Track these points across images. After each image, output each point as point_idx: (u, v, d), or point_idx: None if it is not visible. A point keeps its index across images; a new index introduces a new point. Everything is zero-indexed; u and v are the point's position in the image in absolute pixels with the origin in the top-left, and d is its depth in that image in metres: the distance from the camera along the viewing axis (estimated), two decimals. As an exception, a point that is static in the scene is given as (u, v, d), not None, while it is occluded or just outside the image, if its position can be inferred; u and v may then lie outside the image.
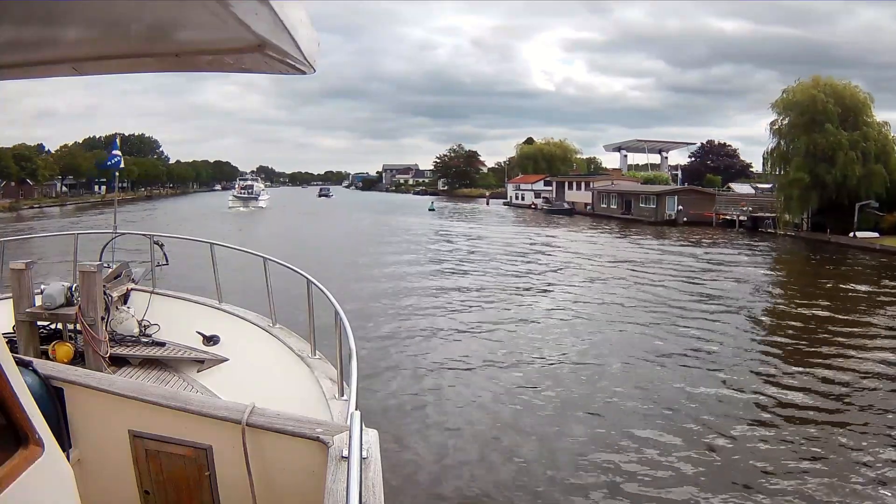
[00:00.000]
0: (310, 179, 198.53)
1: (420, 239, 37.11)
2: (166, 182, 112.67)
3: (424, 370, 11.32)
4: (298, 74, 1.85)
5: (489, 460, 7.81)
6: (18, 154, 68.48)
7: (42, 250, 18.73)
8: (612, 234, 41.96)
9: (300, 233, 40.49)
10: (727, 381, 10.81)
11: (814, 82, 37.28)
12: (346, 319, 3.71)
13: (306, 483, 2.40)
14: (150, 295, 6.18)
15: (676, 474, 7.42)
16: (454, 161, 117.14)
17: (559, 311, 16.73)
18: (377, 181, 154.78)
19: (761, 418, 9.17)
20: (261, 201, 68.80)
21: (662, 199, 50.47)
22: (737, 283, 21.52)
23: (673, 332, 14.29)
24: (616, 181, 65.93)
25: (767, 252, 32.03)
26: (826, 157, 35.55)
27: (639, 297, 18.51)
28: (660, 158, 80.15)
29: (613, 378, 10.96)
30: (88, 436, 2.65)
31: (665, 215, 48.90)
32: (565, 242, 36.06)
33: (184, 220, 50.50)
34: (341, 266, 23.12)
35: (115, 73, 2.04)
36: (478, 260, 27.91)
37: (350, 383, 3.10)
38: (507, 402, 9.79)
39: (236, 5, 1.31)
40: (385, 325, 14.50)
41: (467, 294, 18.94)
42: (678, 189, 54.55)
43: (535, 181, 79.57)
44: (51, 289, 5.01)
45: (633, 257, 28.54)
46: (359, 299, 16.42)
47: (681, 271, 23.96)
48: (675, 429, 8.69)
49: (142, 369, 5.13)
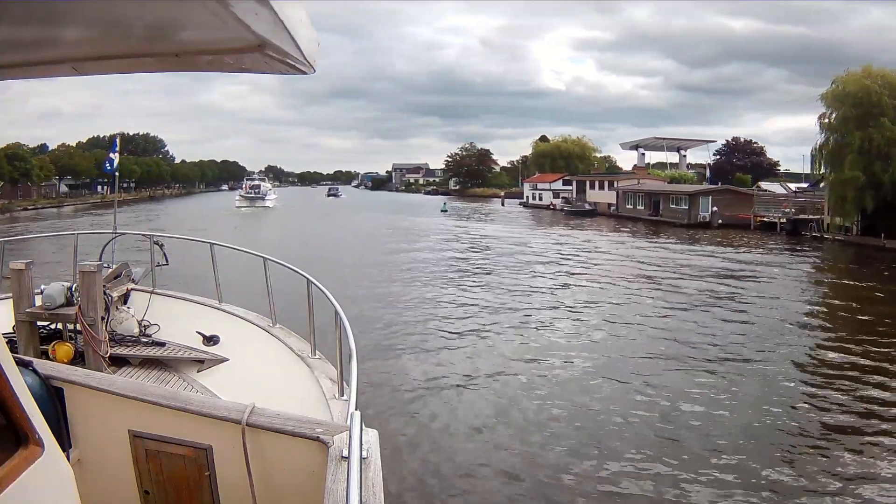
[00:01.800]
0: (319, 179, 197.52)
1: (434, 245, 33.82)
2: (171, 182, 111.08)
3: (430, 372, 11.33)
4: (298, 74, 1.86)
5: (490, 460, 7.81)
6: (12, 154, 66.02)
7: (40, 250, 18.62)
8: (641, 237, 38.82)
9: (305, 234, 38.68)
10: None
11: (864, 72, 34.32)
12: (346, 319, 3.71)
13: (306, 483, 2.40)
14: (150, 295, 6.18)
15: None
16: (465, 160, 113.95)
17: (583, 323, 15.44)
18: (387, 181, 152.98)
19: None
20: (268, 201, 68.75)
21: (696, 199, 46.40)
22: (787, 296, 19.33)
23: (714, 360, 12.08)
24: (642, 180, 61.28)
25: (818, 260, 29.25)
26: (882, 154, 32.68)
27: (674, 310, 16.68)
28: (678, 157, 76.20)
29: (623, 395, 10.18)
30: (88, 436, 2.65)
31: (699, 217, 45.05)
32: (590, 246, 33.12)
33: (181, 221, 49.31)
34: (348, 271, 21.96)
35: (115, 73, 2.04)
36: (495, 264, 26.36)
37: (350, 383, 3.10)
38: (513, 405, 9.73)
39: (236, 5, 1.31)
40: (397, 329, 14.18)
41: (483, 299, 18.33)
42: (713, 189, 49.90)
43: (553, 180, 75.16)
44: (51, 289, 5.01)
45: (666, 264, 25.76)
46: (368, 300, 16.15)
47: (721, 281, 21.50)
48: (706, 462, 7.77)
49: (142, 369, 5.14)
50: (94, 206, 68.90)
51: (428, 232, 41.75)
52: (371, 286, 19.60)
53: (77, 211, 63.79)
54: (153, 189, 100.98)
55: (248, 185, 76.97)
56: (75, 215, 56.74)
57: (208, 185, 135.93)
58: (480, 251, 31.65)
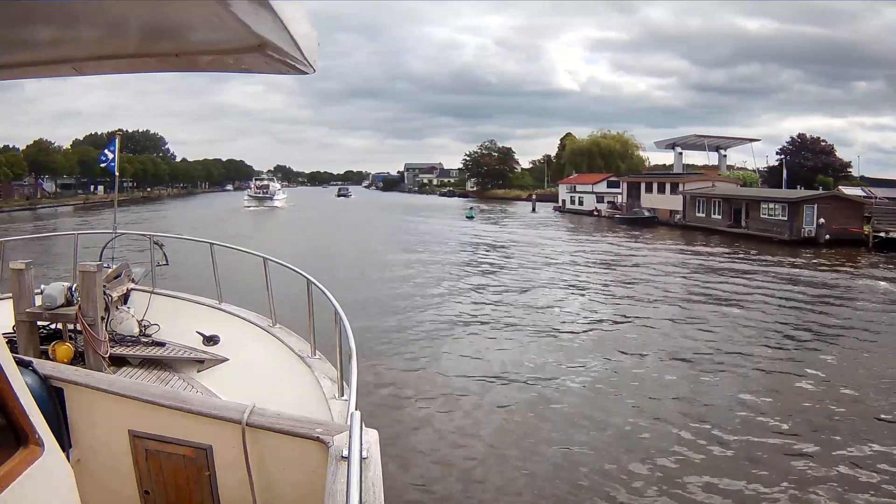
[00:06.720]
0: (329, 179, 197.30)
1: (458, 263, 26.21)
2: (170, 181, 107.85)
3: (431, 372, 11.31)
4: (299, 74, 1.86)
5: (490, 460, 7.81)
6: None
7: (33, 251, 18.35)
8: (735, 257, 28.67)
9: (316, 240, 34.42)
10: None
11: None
12: (346, 319, 3.71)
13: (306, 483, 2.40)
14: (150, 295, 6.19)
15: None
16: (486, 159, 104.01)
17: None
18: (399, 181, 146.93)
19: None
20: (276, 201, 68.91)
21: (798, 208, 35.57)
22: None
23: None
24: (716, 183, 49.86)
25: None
26: None
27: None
28: (717, 157, 65.32)
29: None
30: (88, 436, 2.65)
31: (802, 231, 34.84)
32: (667, 269, 24.88)
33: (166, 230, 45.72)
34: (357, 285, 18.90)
35: (116, 73, 2.04)
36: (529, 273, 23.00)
37: (350, 383, 3.10)
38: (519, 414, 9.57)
39: (236, 5, 1.31)
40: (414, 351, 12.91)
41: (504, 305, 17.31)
42: (819, 195, 39.22)
43: (595, 181, 63.90)
44: (51, 289, 5.01)
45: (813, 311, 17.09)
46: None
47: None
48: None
49: (142, 369, 5.14)
50: (76, 209, 64.84)
51: (445, 235, 37.21)
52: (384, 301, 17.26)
53: (51, 217, 55.36)
54: (150, 189, 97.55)
55: (256, 184, 77.10)
56: (42, 220, 50.07)
57: (212, 185, 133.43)
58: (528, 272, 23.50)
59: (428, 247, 32.43)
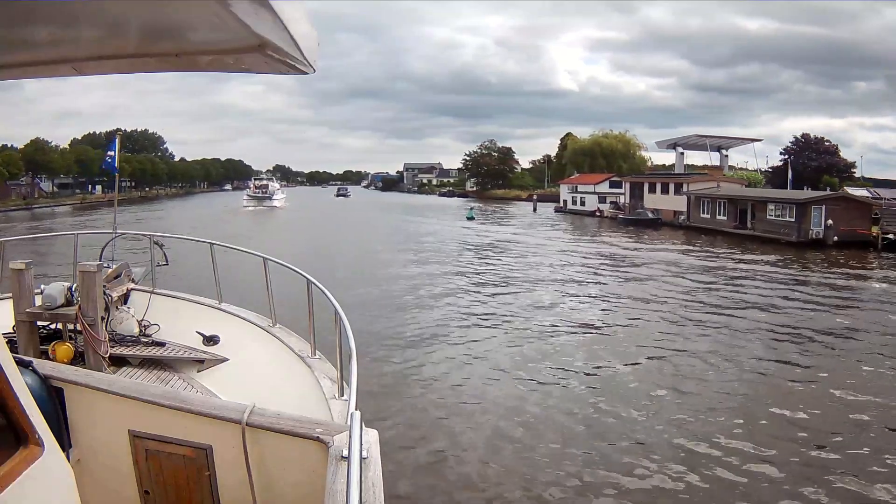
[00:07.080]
0: (328, 179, 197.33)
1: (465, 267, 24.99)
2: (168, 181, 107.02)
3: (431, 373, 11.32)
4: (299, 74, 1.86)
5: (491, 461, 7.81)
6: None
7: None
8: (742, 260, 28.20)
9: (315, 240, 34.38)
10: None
11: None
12: (346, 319, 3.71)
13: (306, 483, 2.40)
14: (150, 295, 6.19)
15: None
16: (485, 159, 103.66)
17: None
18: (398, 181, 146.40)
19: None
20: (275, 201, 69.20)
21: (806, 209, 34.87)
22: None
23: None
24: (721, 183, 49.20)
25: None
26: None
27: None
28: (719, 157, 63.97)
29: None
30: (88, 436, 2.65)
31: (812, 233, 34.10)
32: (673, 271, 24.37)
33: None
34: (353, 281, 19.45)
35: (115, 73, 2.04)
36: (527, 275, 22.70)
37: (350, 383, 3.10)
38: (519, 409, 9.69)
39: (236, 5, 1.31)
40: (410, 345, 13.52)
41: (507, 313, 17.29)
42: (827, 196, 38.60)
43: (598, 181, 63.54)
44: (51, 289, 5.01)
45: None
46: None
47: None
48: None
49: (142, 369, 5.14)
50: (74, 209, 64.19)
51: (445, 237, 37.16)
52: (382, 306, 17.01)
53: (47, 217, 55.04)
54: (148, 189, 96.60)
55: (255, 184, 77.48)
56: (35, 221, 49.37)
57: (211, 185, 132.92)
58: (521, 268, 24.25)
59: (428, 247, 32.40)
